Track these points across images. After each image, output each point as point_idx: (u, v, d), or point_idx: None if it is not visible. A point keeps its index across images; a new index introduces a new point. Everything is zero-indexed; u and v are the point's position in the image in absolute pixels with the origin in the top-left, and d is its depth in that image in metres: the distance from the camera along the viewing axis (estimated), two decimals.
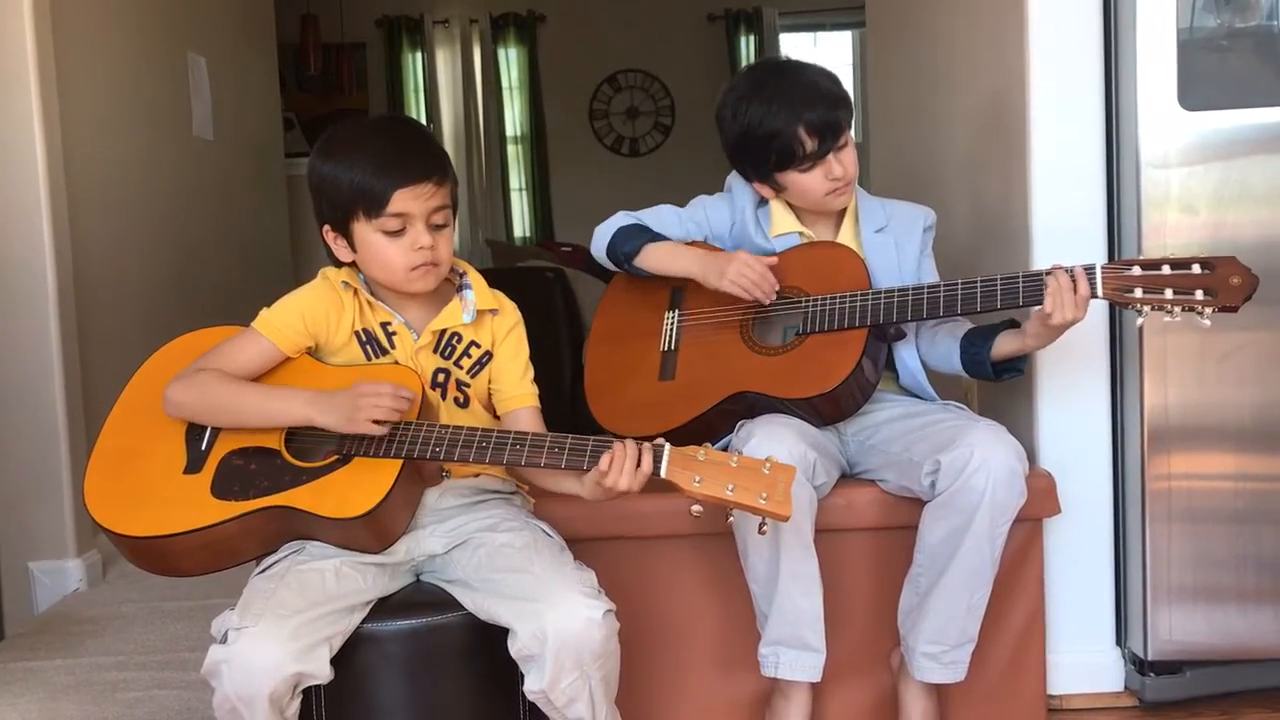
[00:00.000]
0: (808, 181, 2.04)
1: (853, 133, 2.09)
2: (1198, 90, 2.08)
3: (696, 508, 1.60)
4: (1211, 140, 2.10)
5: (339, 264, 1.82)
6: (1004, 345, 1.98)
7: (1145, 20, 2.07)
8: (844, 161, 2.03)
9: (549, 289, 3.93)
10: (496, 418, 1.87)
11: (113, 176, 3.49)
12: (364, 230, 1.73)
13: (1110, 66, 2.16)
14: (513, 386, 1.85)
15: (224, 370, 1.73)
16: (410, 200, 1.71)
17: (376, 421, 1.63)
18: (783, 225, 2.12)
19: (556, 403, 2.00)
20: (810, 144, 2.00)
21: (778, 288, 1.98)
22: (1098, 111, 2.17)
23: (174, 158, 4.00)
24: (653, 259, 2.08)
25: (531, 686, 1.58)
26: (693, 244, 2.14)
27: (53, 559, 3.02)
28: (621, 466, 1.60)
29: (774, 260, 2.01)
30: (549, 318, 3.84)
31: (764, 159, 2.04)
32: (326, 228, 1.78)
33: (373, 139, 1.76)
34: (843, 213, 2.14)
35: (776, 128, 2.00)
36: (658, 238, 2.11)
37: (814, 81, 2.02)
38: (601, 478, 1.62)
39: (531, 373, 1.88)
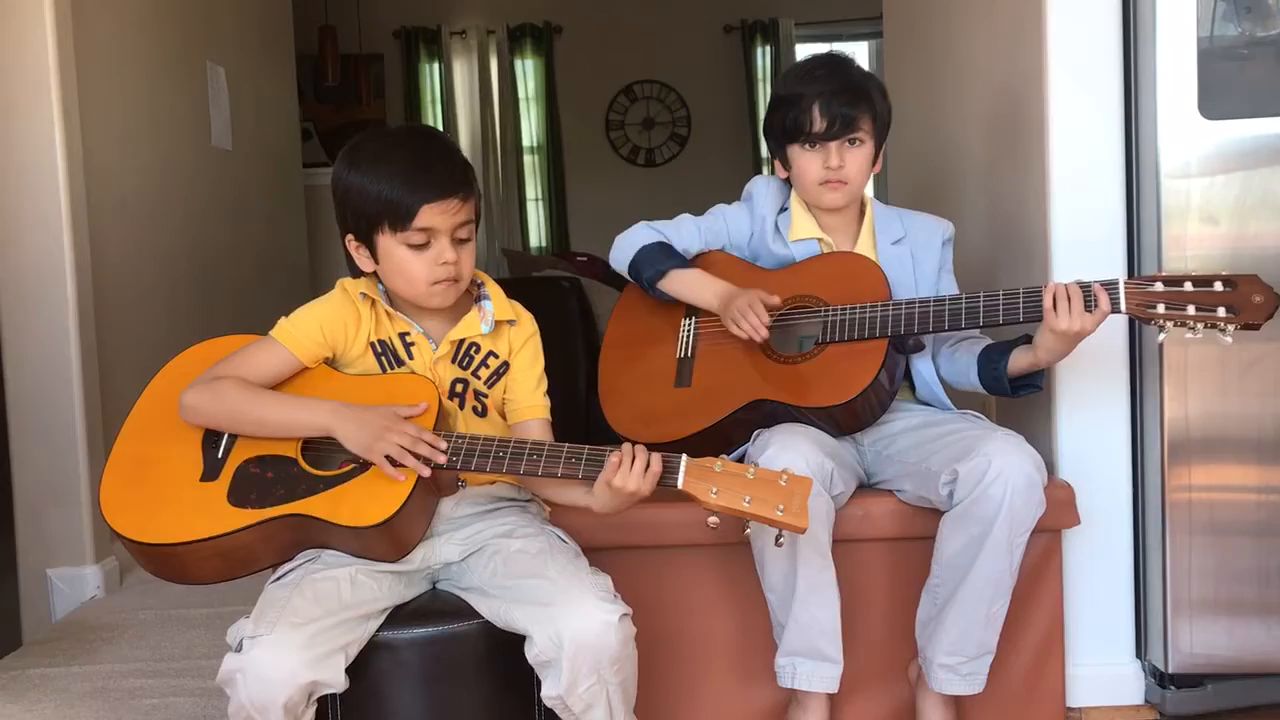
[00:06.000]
0: (805, 161, 2.07)
1: (878, 148, 2.10)
2: (1218, 99, 2.07)
3: (713, 519, 1.60)
4: (1233, 149, 2.08)
5: (357, 274, 1.82)
6: (1019, 360, 1.97)
7: (1165, 29, 2.06)
8: (845, 158, 2.04)
9: (565, 298, 3.93)
10: None
11: (132, 186, 3.51)
12: (388, 242, 1.73)
13: (1130, 75, 2.15)
14: (525, 397, 1.85)
15: (243, 378, 1.73)
16: (436, 215, 1.71)
17: (391, 460, 1.62)
18: (802, 230, 2.12)
19: (571, 412, 2.01)
20: (819, 123, 2.02)
21: (765, 335, 1.97)
22: (1117, 121, 2.16)
23: (193, 167, 4.02)
24: (678, 285, 2.09)
25: (549, 692, 1.58)
26: (712, 254, 2.14)
27: (70, 566, 3.03)
28: (630, 467, 1.60)
29: (776, 301, 2.00)
30: (565, 327, 3.84)
31: (781, 125, 2.08)
32: (349, 237, 1.78)
33: (401, 151, 1.75)
34: (860, 223, 2.14)
35: (798, 93, 2.05)
36: (682, 262, 2.11)
37: (850, 75, 2.07)
38: (611, 476, 1.61)
39: (545, 385, 1.87)
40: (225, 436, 1.73)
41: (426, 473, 1.64)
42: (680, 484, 1.60)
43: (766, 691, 2.04)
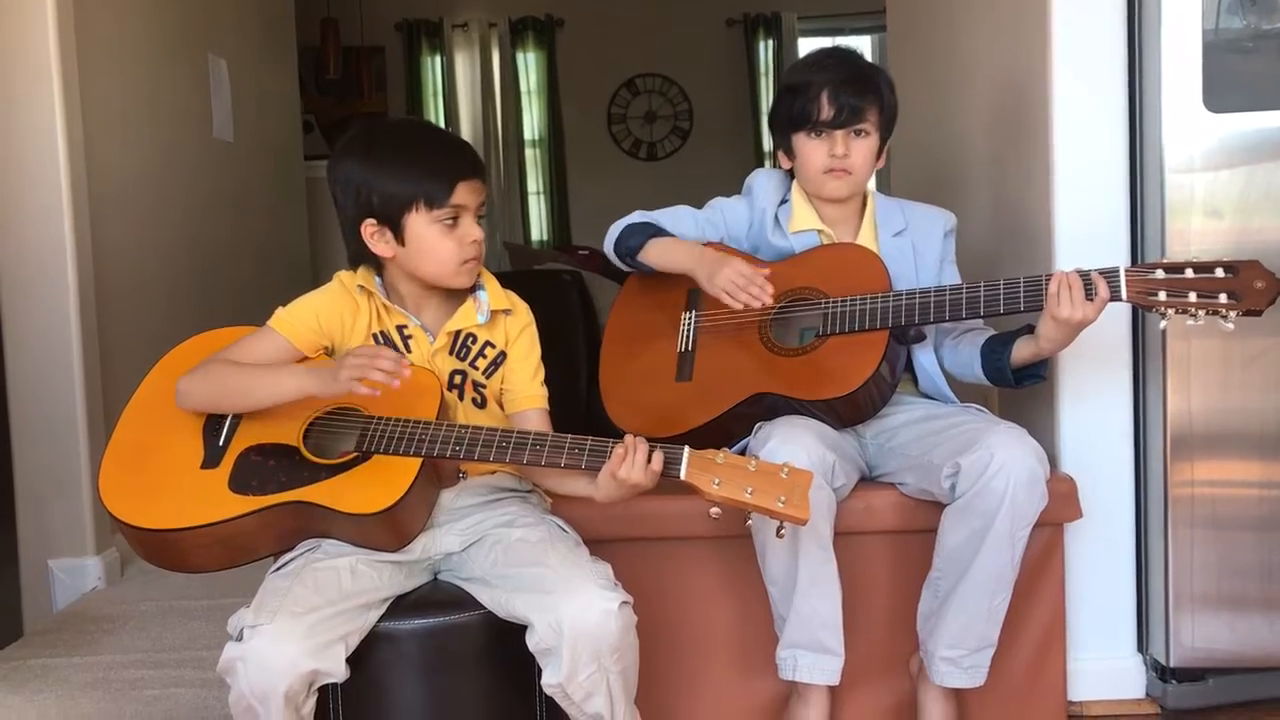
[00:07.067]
0: (810, 150, 2.06)
1: (883, 143, 2.09)
2: (1223, 92, 2.06)
3: (715, 510, 1.60)
4: (1237, 143, 2.08)
5: (356, 267, 1.82)
6: (1022, 350, 1.97)
7: (1170, 22, 2.06)
8: (851, 147, 2.04)
9: (566, 292, 3.92)
10: None
11: (133, 177, 3.51)
12: (420, 223, 1.75)
13: (1134, 69, 2.14)
14: (523, 386, 1.85)
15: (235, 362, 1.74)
16: (467, 193, 1.76)
17: (364, 382, 1.59)
18: (803, 222, 2.12)
19: (572, 405, 2.00)
20: (826, 111, 2.02)
21: (771, 292, 1.94)
22: (1121, 114, 2.15)
23: (194, 159, 4.02)
24: (654, 254, 2.09)
25: (549, 680, 1.58)
26: (708, 245, 2.14)
27: (72, 557, 3.03)
28: (633, 460, 1.60)
29: (766, 271, 1.98)
30: (566, 321, 3.83)
31: (787, 113, 2.08)
32: (370, 222, 1.76)
33: (424, 138, 1.85)
34: (861, 215, 2.14)
35: (806, 81, 2.05)
36: (662, 234, 2.10)
37: (859, 66, 2.08)
38: (616, 467, 1.61)
39: (542, 374, 1.88)
40: (226, 425, 1.73)
41: (396, 385, 1.60)
42: (683, 475, 1.60)
43: (767, 683, 2.04)
